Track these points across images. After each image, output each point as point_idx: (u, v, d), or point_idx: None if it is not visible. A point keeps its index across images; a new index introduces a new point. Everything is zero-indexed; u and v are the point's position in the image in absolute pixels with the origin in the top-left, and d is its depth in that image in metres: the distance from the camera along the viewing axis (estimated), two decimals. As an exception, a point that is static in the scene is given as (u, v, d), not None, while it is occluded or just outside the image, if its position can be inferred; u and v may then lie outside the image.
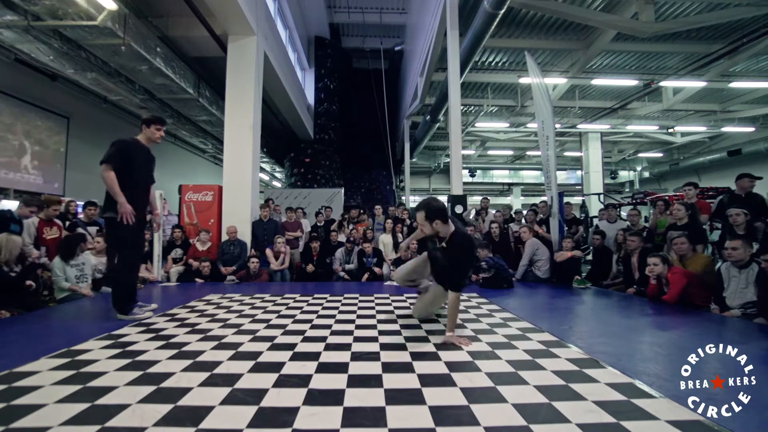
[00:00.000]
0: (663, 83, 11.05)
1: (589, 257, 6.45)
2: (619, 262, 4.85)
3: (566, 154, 19.67)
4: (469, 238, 2.52)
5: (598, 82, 11.27)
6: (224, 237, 5.99)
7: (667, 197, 6.57)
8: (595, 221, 8.46)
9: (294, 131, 14.02)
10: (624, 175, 22.68)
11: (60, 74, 7.85)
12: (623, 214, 7.89)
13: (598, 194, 13.32)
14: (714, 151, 16.62)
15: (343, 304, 3.60)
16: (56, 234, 4.42)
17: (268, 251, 5.74)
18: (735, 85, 11.13)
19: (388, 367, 1.92)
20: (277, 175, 20.54)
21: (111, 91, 8.35)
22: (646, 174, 21.66)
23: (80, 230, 4.60)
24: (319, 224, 6.91)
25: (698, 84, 11.11)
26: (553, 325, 2.78)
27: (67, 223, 4.85)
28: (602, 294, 4.37)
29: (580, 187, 18.06)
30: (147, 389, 1.66)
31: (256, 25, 6.83)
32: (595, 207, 12.86)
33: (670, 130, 15.21)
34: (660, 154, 19.86)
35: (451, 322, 2.43)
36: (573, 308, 3.63)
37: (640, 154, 20.40)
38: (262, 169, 17.19)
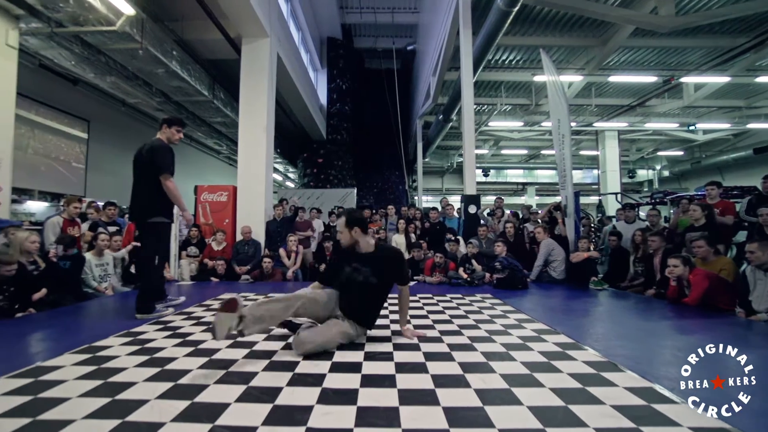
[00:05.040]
0: (684, 79, 10.73)
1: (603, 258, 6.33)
2: (636, 263, 4.74)
3: (582, 152, 19.31)
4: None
5: (616, 79, 11.02)
6: (239, 237, 6.07)
7: (688, 197, 6.37)
8: (612, 221, 8.28)
9: (307, 132, 14.13)
10: (642, 174, 22.14)
11: (81, 78, 8.09)
12: (642, 214, 7.70)
13: (616, 194, 13.04)
14: (739, 149, 16.07)
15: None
16: (78, 233, 4.55)
17: (282, 251, 5.80)
18: (762, 79, 10.73)
19: (402, 368, 1.92)
20: (291, 175, 20.74)
21: (129, 95, 8.57)
22: (666, 173, 21.09)
23: (101, 230, 4.73)
24: (332, 224, 6.94)
25: (722, 79, 10.73)
26: (569, 327, 2.73)
27: (89, 223, 5.00)
28: (620, 296, 4.27)
29: (596, 186, 17.71)
30: (165, 385, 1.70)
31: (269, 27, 6.91)
32: (612, 207, 12.60)
33: (691, 128, 14.77)
34: (680, 153, 19.30)
35: (405, 316, 2.59)
36: (589, 310, 3.56)
37: (660, 153, 19.85)
38: (275, 170, 17.38)
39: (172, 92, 8.56)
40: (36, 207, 8.17)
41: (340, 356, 2.10)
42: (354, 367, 1.93)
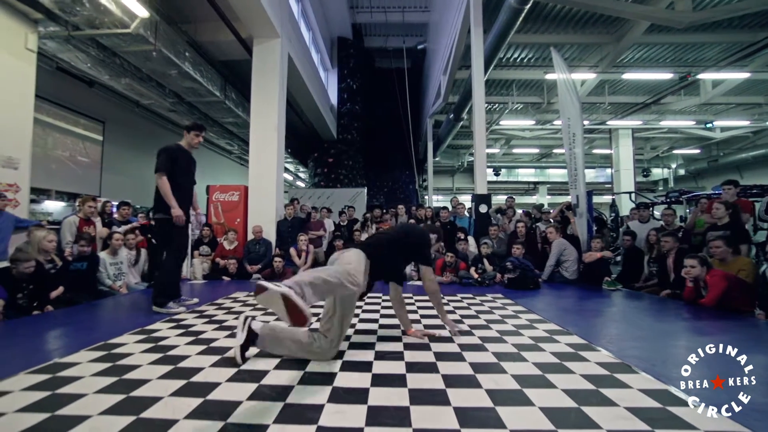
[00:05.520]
0: (701, 76, 10.48)
1: (618, 258, 6.22)
2: (651, 263, 4.65)
3: (595, 151, 19.02)
4: None
5: (630, 76, 10.82)
6: (250, 236, 6.13)
7: (705, 196, 6.21)
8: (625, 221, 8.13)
9: (317, 131, 14.19)
10: (657, 172, 21.69)
11: (97, 80, 8.26)
12: (656, 213, 7.55)
13: (629, 193, 12.80)
14: (758, 147, 15.61)
15: (366, 303, 3.61)
16: (94, 232, 4.64)
17: (292, 250, 5.84)
18: (782, 75, 10.42)
19: (412, 367, 1.92)
20: (301, 175, 20.87)
21: (143, 96, 8.72)
22: (682, 171, 20.62)
23: (115, 228, 4.82)
24: (342, 224, 6.97)
25: (741, 76, 10.43)
26: (582, 328, 2.69)
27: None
28: (634, 296, 4.19)
29: (610, 185, 17.42)
30: (178, 383, 1.72)
31: (280, 27, 6.96)
32: (626, 206, 12.38)
33: (708, 125, 14.40)
34: (697, 151, 18.84)
35: (407, 316, 2.62)
36: (603, 311, 3.51)
37: (675, 151, 19.40)
38: (286, 170, 17.50)
39: (185, 93, 8.67)
40: (53, 207, 8.37)
41: (350, 355, 2.10)
42: (365, 367, 1.93)
